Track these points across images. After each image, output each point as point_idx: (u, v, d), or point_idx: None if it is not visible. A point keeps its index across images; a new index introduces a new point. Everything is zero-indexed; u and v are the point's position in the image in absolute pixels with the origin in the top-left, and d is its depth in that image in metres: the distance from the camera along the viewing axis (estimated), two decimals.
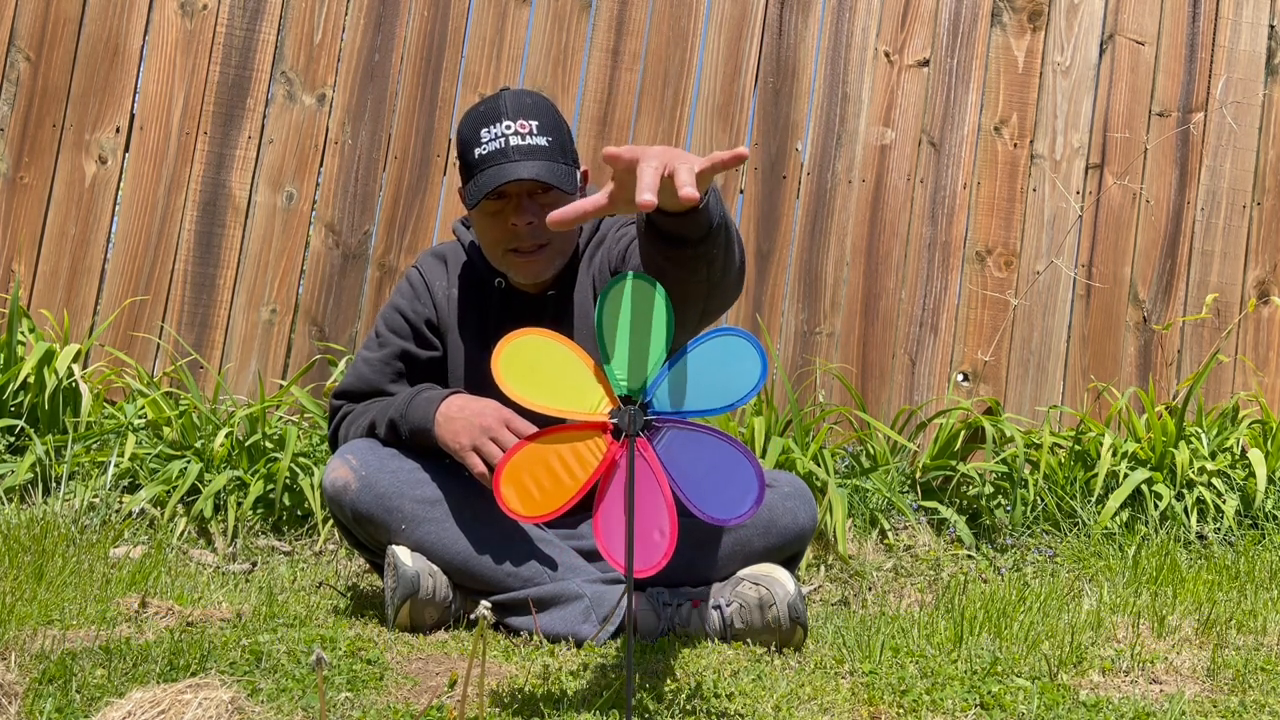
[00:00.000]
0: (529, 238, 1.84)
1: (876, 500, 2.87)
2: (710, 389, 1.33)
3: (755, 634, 1.77)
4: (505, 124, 1.82)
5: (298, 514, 2.72)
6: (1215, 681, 1.62)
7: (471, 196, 1.83)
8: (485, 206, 1.84)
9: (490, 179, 1.80)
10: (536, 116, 1.84)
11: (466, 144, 1.86)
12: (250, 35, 3.27)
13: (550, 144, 1.83)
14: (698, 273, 1.52)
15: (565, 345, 1.35)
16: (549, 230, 1.68)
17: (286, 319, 3.22)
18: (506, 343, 1.34)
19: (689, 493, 1.33)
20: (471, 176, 1.85)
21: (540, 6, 3.34)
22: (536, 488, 1.34)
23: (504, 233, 1.85)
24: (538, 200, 1.83)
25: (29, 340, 2.98)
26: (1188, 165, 3.45)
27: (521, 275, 1.90)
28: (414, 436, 1.87)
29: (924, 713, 1.42)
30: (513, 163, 1.80)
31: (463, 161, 1.88)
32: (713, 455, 1.34)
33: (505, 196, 1.83)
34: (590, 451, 1.34)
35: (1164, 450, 3.00)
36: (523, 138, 1.81)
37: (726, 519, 1.33)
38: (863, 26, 3.40)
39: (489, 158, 1.81)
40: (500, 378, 1.33)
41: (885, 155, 3.38)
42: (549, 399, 1.33)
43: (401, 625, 1.79)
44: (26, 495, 2.66)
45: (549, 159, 1.82)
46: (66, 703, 1.27)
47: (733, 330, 1.33)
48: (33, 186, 3.20)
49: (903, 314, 3.33)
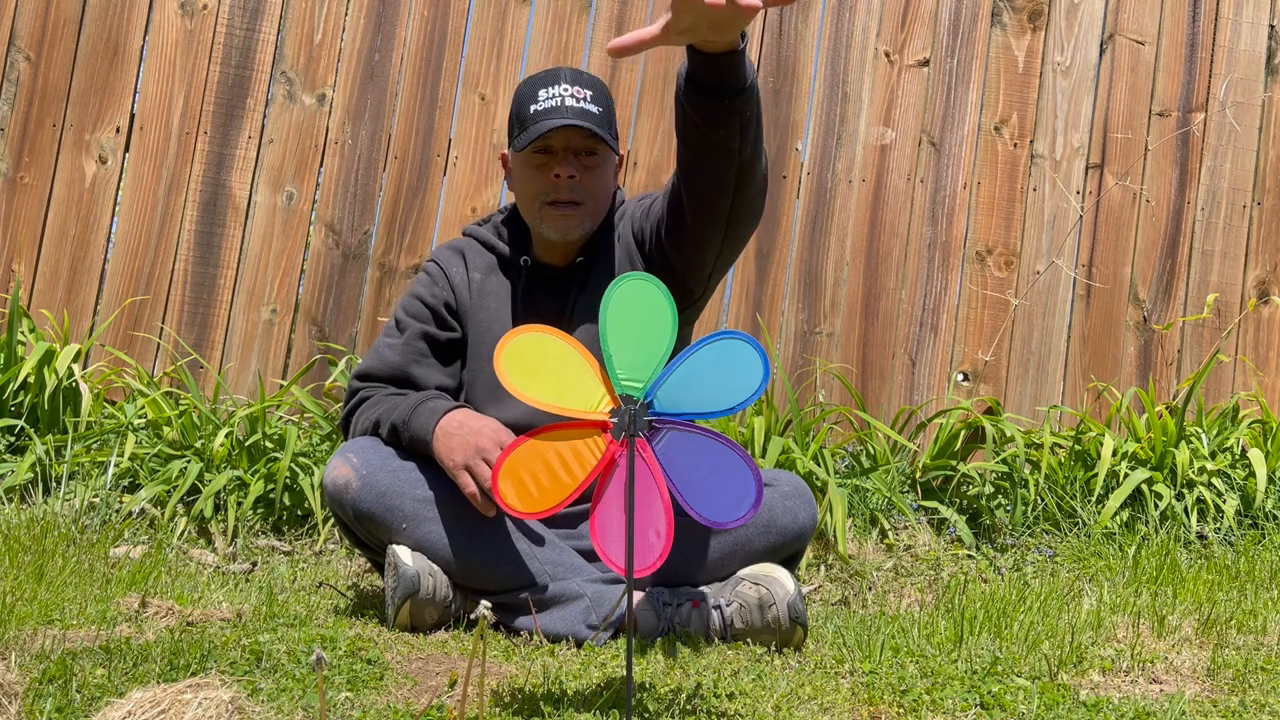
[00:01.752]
0: (568, 191, 1.94)
1: (876, 500, 2.87)
2: (712, 392, 1.33)
3: (755, 634, 1.77)
4: (563, 87, 1.93)
5: (298, 514, 2.72)
6: (1215, 681, 1.62)
7: (522, 142, 1.93)
8: (532, 159, 1.94)
9: (544, 126, 1.90)
10: (592, 88, 1.96)
11: (522, 102, 1.95)
12: (250, 35, 3.27)
13: (600, 113, 1.94)
14: (732, 136, 1.67)
15: (568, 343, 1.35)
16: (586, 190, 1.93)
17: (286, 319, 3.22)
18: (510, 338, 1.35)
19: (686, 495, 1.33)
20: (524, 130, 1.93)
21: (540, 6, 3.34)
22: (534, 484, 1.34)
23: (545, 184, 1.94)
24: (581, 161, 1.94)
25: (29, 340, 2.98)
26: (1188, 165, 3.45)
27: (554, 228, 1.96)
28: (413, 444, 1.89)
29: (924, 713, 1.42)
30: (566, 118, 1.90)
31: (516, 119, 1.97)
32: (712, 458, 1.34)
33: (552, 152, 1.93)
34: (589, 450, 1.34)
35: (1164, 450, 3.00)
36: (578, 101, 1.92)
37: (723, 522, 1.33)
38: (863, 26, 3.40)
39: (544, 113, 1.91)
40: (502, 373, 1.33)
41: (885, 155, 3.38)
42: (550, 396, 1.34)
43: (402, 625, 1.79)
44: (26, 495, 2.66)
45: (599, 124, 1.93)
46: (66, 703, 1.27)
47: (736, 334, 1.33)
48: (33, 186, 3.20)
49: (903, 314, 3.33)
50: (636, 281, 1.34)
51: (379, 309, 3.22)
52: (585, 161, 1.95)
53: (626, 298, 1.34)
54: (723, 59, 1.58)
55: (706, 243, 1.87)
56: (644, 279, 1.35)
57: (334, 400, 3.07)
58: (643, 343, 1.33)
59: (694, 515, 1.33)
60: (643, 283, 1.34)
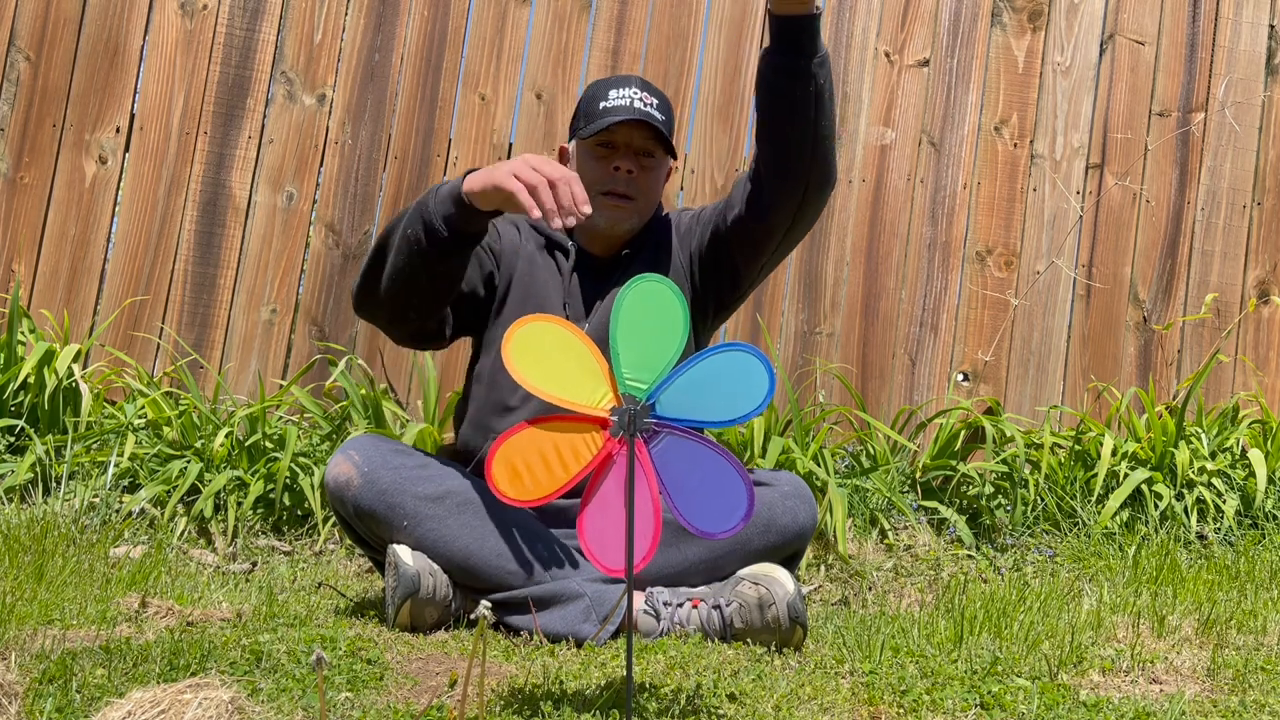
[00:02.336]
0: (624, 185, 2.03)
1: (876, 500, 2.87)
2: (715, 401, 1.33)
3: (755, 634, 1.77)
4: (633, 90, 2.04)
5: (298, 514, 2.72)
6: (1215, 681, 1.62)
7: (588, 131, 2.02)
8: (595, 150, 2.03)
9: (611, 119, 1.99)
10: (658, 98, 2.07)
11: (592, 98, 2.05)
12: (250, 35, 3.27)
13: (664, 120, 2.05)
14: (808, 97, 1.85)
15: (578, 336, 1.35)
16: (640, 187, 2.03)
17: (286, 319, 3.22)
18: (520, 325, 1.35)
19: (677, 501, 1.33)
20: (590, 122, 2.03)
21: (540, 6, 3.34)
22: (527, 472, 1.33)
23: (604, 174, 2.02)
24: (640, 160, 2.03)
25: (29, 340, 2.98)
26: (1188, 165, 3.45)
27: (605, 217, 2.02)
28: (445, 222, 1.79)
29: (924, 713, 1.42)
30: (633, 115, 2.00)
31: (583, 112, 2.06)
32: (707, 467, 1.33)
33: (614, 147, 2.02)
34: (586, 445, 1.34)
35: (1164, 450, 3.00)
36: (645, 105, 2.03)
37: (711, 533, 1.33)
38: (863, 26, 3.40)
39: (612, 109, 2.01)
40: (509, 358, 1.33)
41: (885, 155, 3.38)
42: (553, 387, 1.34)
43: (401, 625, 1.79)
44: (26, 495, 2.66)
45: (663, 126, 2.04)
46: (66, 703, 1.27)
47: (746, 347, 1.34)
48: (33, 186, 3.20)
49: (903, 314, 3.33)
50: (652, 283, 1.34)
51: None
52: (643, 161, 2.04)
53: (641, 298, 1.34)
54: (798, 22, 1.80)
55: (781, 213, 1.96)
56: (660, 281, 1.35)
57: (334, 400, 3.07)
58: (652, 344, 1.33)
59: (682, 522, 1.33)
60: (658, 285, 1.34)
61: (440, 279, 1.87)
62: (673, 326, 1.33)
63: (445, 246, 1.81)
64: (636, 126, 2.00)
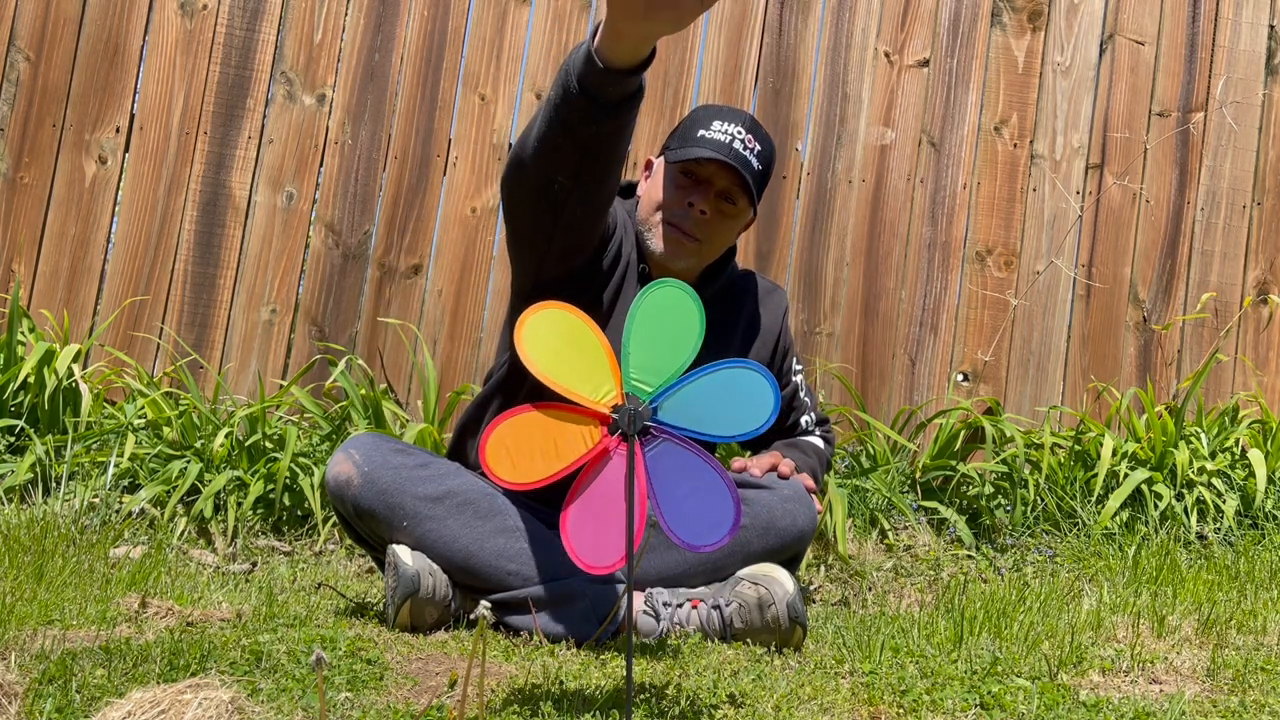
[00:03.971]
0: (693, 224, 1.93)
1: (876, 500, 2.87)
2: (717, 415, 1.33)
3: (755, 634, 1.77)
4: (739, 129, 1.93)
5: (298, 514, 2.72)
6: (1215, 681, 1.62)
7: (676, 156, 1.92)
8: (677, 176, 1.94)
9: (704, 153, 1.89)
10: (764, 145, 1.96)
11: (695, 122, 1.95)
12: (250, 35, 3.27)
13: (759, 171, 1.95)
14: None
15: (592, 330, 1.35)
16: (709, 232, 1.92)
17: (286, 319, 3.22)
18: (537, 310, 1.34)
19: (664, 508, 1.32)
20: (684, 146, 1.92)
21: (540, 6, 3.34)
22: (519, 455, 1.32)
23: (679, 204, 1.93)
24: (719, 204, 1.94)
25: (29, 340, 2.98)
26: (1188, 165, 3.45)
27: (661, 245, 1.94)
28: (597, 76, 1.54)
29: (924, 713, 1.42)
30: (726, 156, 1.90)
31: (682, 133, 1.96)
32: (698, 478, 1.33)
33: (697, 180, 1.93)
34: (582, 438, 1.33)
35: (1164, 450, 3.00)
36: (746, 148, 1.92)
37: (694, 545, 1.32)
38: (863, 26, 3.40)
39: (714, 142, 1.91)
40: (520, 341, 1.33)
41: (885, 155, 3.38)
42: (560, 375, 1.33)
43: (401, 625, 1.79)
44: (26, 495, 2.66)
45: (754, 179, 1.93)
46: (66, 703, 1.27)
47: (755, 366, 1.33)
48: (33, 186, 3.20)
49: (903, 314, 3.33)
50: (673, 289, 1.34)
51: (379, 309, 3.22)
52: (723, 206, 1.94)
53: (661, 303, 1.33)
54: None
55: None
56: (681, 288, 1.34)
57: (334, 400, 3.07)
58: (664, 349, 1.32)
59: (666, 530, 1.32)
60: (679, 292, 1.34)
61: (602, 141, 1.64)
62: (687, 335, 1.33)
63: (589, 89, 1.56)
64: (726, 168, 1.90)
